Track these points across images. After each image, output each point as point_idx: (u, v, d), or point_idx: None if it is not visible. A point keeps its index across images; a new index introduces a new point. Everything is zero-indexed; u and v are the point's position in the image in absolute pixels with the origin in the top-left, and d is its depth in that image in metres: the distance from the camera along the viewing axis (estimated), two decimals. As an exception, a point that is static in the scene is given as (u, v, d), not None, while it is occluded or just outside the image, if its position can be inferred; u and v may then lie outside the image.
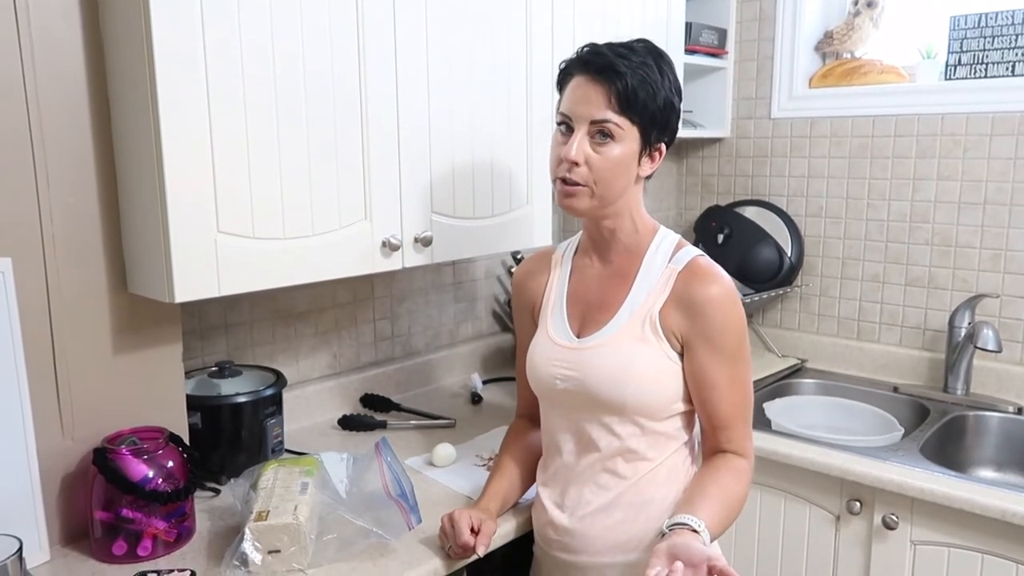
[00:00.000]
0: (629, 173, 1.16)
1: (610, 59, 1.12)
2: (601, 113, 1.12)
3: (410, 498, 1.23)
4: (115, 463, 1.20)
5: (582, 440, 1.22)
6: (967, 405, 1.91)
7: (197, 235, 1.17)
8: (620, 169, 1.15)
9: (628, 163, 1.15)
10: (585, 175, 1.14)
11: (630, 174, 1.16)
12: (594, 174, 1.14)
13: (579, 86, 1.14)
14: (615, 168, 1.14)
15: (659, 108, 1.13)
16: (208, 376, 1.53)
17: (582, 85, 1.14)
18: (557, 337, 1.24)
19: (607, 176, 1.14)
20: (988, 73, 1.93)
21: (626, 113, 1.12)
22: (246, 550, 1.14)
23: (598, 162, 1.13)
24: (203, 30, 1.14)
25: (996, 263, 1.94)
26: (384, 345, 2.00)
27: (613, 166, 1.14)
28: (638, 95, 1.11)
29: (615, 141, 1.13)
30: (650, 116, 1.13)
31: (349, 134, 1.35)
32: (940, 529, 1.51)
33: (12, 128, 1.15)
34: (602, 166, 1.13)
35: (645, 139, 1.15)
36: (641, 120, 1.13)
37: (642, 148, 1.15)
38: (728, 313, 1.15)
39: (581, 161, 1.13)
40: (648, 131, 1.14)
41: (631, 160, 1.15)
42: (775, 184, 2.27)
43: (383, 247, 1.42)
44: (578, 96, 1.14)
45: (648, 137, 1.15)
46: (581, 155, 1.13)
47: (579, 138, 1.13)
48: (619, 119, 1.12)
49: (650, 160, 1.18)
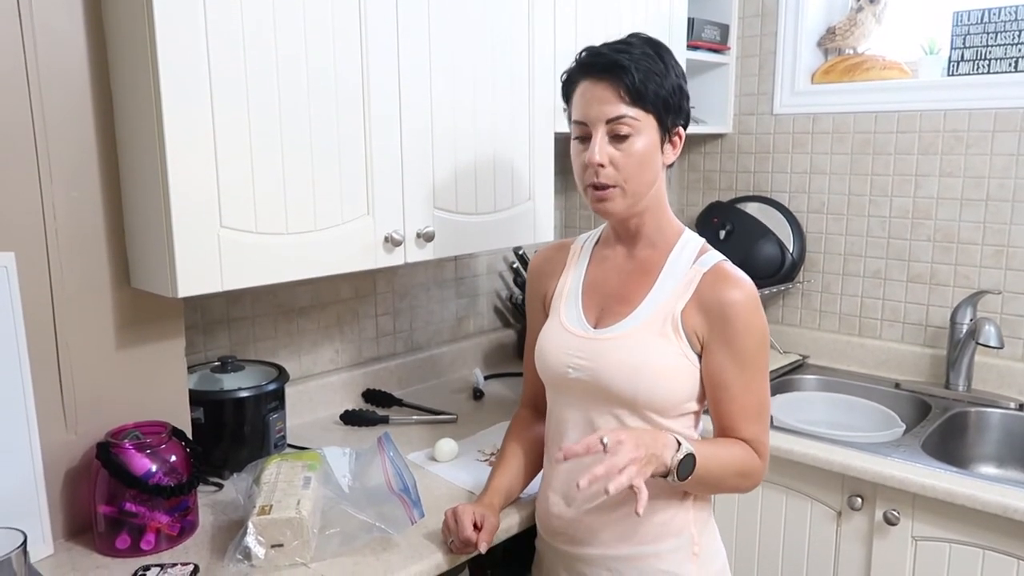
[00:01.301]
0: (655, 164, 1.17)
1: (612, 57, 1.12)
2: (615, 110, 1.12)
3: (412, 493, 1.23)
4: (118, 457, 1.21)
5: (589, 431, 1.21)
6: (968, 401, 1.91)
7: (200, 230, 1.18)
8: (646, 161, 1.15)
9: (652, 153, 1.15)
10: (613, 175, 1.15)
11: (656, 165, 1.17)
12: (621, 172, 1.14)
13: (587, 90, 1.15)
14: (641, 162, 1.14)
15: (670, 93, 1.14)
16: (211, 371, 1.53)
17: (590, 88, 1.14)
18: (571, 326, 1.24)
19: (635, 171, 1.15)
20: (991, 69, 1.93)
21: (639, 104, 1.12)
22: (249, 544, 1.14)
23: (622, 159, 1.14)
24: (206, 23, 1.14)
25: (998, 259, 1.94)
26: (386, 340, 2.00)
27: (639, 160, 1.14)
28: (647, 85, 1.12)
29: (635, 135, 1.13)
30: (663, 102, 1.14)
31: (352, 129, 1.35)
32: (941, 525, 1.51)
33: (15, 122, 1.15)
34: (627, 163, 1.14)
35: (663, 126, 1.15)
36: (655, 108, 1.13)
37: (662, 136, 1.16)
38: (749, 318, 1.15)
39: (606, 162, 1.14)
40: (664, 117, 1.15)
41: (654, 150, 1.16)
42: (777, 180, 2.27)
43: (385, 242, 1.42)
44: (588, 99, 1.15)
45: (665, 123, 1.15)
46: (605, 156, 1.14)
47: (599, 140, 1.14)
48: (634, 111, 1.12)
49: (672, 147, 1.18)
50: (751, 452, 1.18)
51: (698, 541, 1.21)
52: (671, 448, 1.07)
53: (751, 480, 1.19)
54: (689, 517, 1.21)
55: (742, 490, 1.21)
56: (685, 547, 1.21)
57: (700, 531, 1.22)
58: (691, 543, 1.21)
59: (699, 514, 1.23)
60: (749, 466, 1.17)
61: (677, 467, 1.06)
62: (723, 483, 1.17)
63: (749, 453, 1.17)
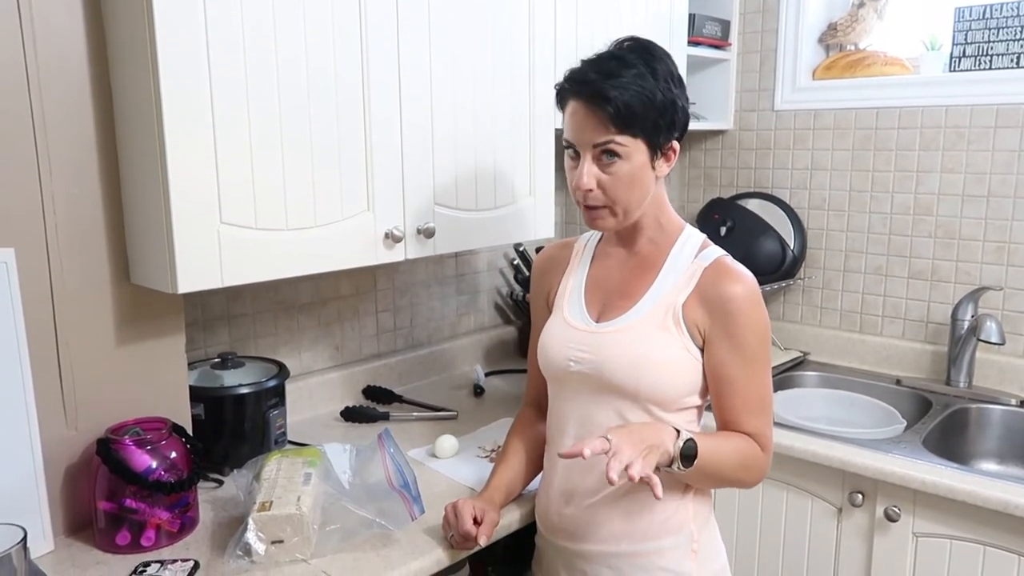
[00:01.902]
0: (645, 182, 1.16)
1: (598, 85, 1.11)
2: (601, 136, 1.12)
3: (413, 489, 1.23)
4: (119, 453, 1.21)
5: (590, 426, 1.21)
6: (969, 398, 1.91)
7: (200, 226, 1.17)
8: (635, 183, 1.15)
9: (641, 174, 1.15)
10: (601, 198, 1.16)
11: (647, 182, 1.17)
12: (609, 195, 1.15)
13: (575, 112, 1.15)
14: (630, 184, 1.15)
15: (659, 112, 1.13)
16: (211, 367, 1.53)
17: (578, 111, 1.14)
18: (574, 320, 1.24)
19: (623, 193, 1.15)
20: (993, 65, 1.92)
21: (627, 131, 1.12)
22: (249, 540, 1.14)
23: (610, 183, 1.14)
24: (205, 19, 1.14)
25: (999, 256, 1.94)
26: (386, 337, 2.00)
27: (628, 183, 1.15)
28: (634, 111, 1.11)
29: (622, 159, 1.13)
30: (652, 124, 1.13)
31: (352, 124, 1.34)
32: (942, 521, 1.51)
33: (15, 118, 1.15)
34: (615, 185, 1.14)
35: (653, 146, 1.15)
36: (644, 132, 1.13)
37: (652, 155, 1.15)
38: (750, 312, 1.15)
39: (593, 186, 1.15)
40: (654, 139, 1.14)
41: (644, 170, 1.15)
42: (778, 176, 2.27)
43: (386, 238, 1.42)
44: (577, 123, 1.15)
45: (656, 143, 1.15)
46: (592, 180, 1.15)
47: (586, 164, 1.14)
48: (621, 138, 1.12)
49: (665, 161, 1.18)
50: (754, 445, 1.18)
51: (698, 538, 1.21)
52: (671, 436, 1.08)
53: (754, 473, 1.19)
54: (689, 514, 1.21)
55: (746, 484, 1.21)
56: (685, 544, 1.21)
57: (700, 528, 1.22)
58: (691, 540, 1.21)
59: (699, 511, 1.23)
60: (752, 458, 1.17)
61: (680, 454, 1.07)
62: (726, 475, 1.17)
63: (752, 446, 1.17)
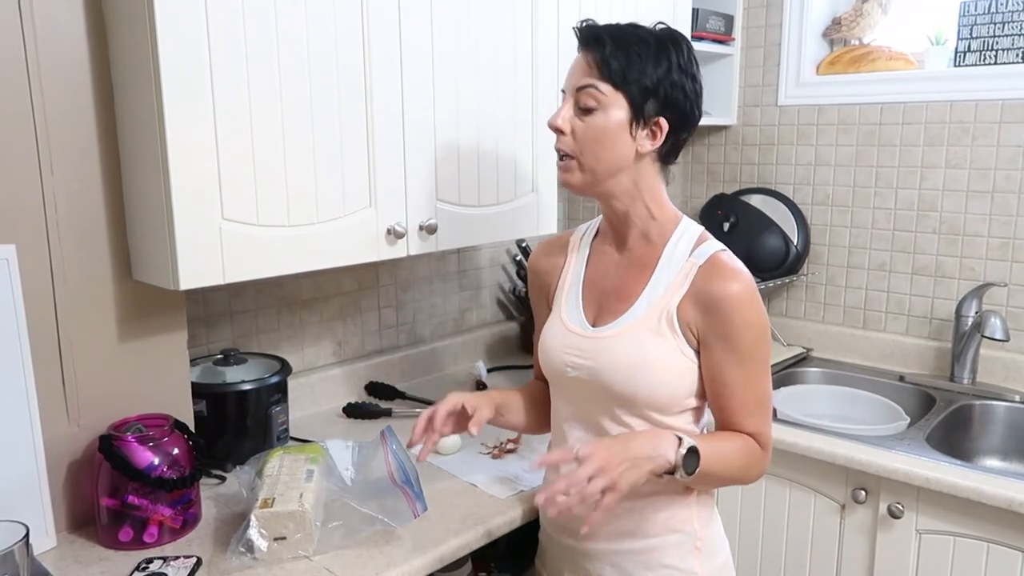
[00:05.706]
0: (618, 144, 1.13)
1: (597, 30, 1.12)
2: (584, 80, 1.12)
3: (415, 486, 1.23)
4: (121, 450, 1.21)
5: (591, 429, 1.21)
6: (973, 394, 1.90)
7: (201, 222, 1.17)
8: (605, 138, 1.12)
9: (615, 133, 1.12)
10: (570, 144, 1.14)
11: (619, 146, 1.13)
12: (578, 144, 1.14)
13: (575, 61, 1.16)
14: (598, 137, 1.12)
15: (655, 82, 1.11)
16: (213, 364, 1.53)
17: (577, 59, 1.15)
18: (571, 324, 1.22)
19: (590, 145, 1.13)
20: (998, 60, 1.91)
21: (608, 80, 1.10)
22: (252, 537, 1.14)
23: (582, 130, 1.13)
24: (207, 15, 1.13)
25: (1004, 252, 1.93)
26: (389, 333, 2.00)
27: (597, 134, 1.12)
28: (619, 61, 1.10)
29: (600, 109, 1.12)
30: (640, 87, 1.10)
31: (354, 120, 1.34)
32: (945, 518, 1.50)
33: (16, 115, 1.15)
34: (585, 134, 1.13)
35: (635, 108, 1.12)
36: (626, 87, 1.10)
37: (633, 119, 1.12)
38: (747, 312, 1.12)
39: (566, 130, 1.14)
40: (640, 101, 1.11)
41: (618, 130, 1.12)
42: (781, 172, 2.26)
43: (388, 234, 1.41)
44: (571, 69, 1.16)
45: (641, 108, 1.11)
46: (566, 123, 1.14)
47: (566, 107, 1.14)
48: (602, 85, 1.11)
49: (650, 136, 1.13)
50: (753, 444, 1.17)
51: (701, 536, 1.21)
52: (671, 445, 1.06)
53: (755, 471, 1.19)
54: (692, 512, 1.21)
55: (746, 482, 1.20)
56: (688, 541, 1.20)
57: (703, 525, 1.22)
58: (694, 538, 1.20)
59: (702, 509, 1.22)
60: (753, 458, 1.17)
61: (683, 463, 1.06)
62: (728, 476, 1.16)
63: (751, 445, 1.17)
